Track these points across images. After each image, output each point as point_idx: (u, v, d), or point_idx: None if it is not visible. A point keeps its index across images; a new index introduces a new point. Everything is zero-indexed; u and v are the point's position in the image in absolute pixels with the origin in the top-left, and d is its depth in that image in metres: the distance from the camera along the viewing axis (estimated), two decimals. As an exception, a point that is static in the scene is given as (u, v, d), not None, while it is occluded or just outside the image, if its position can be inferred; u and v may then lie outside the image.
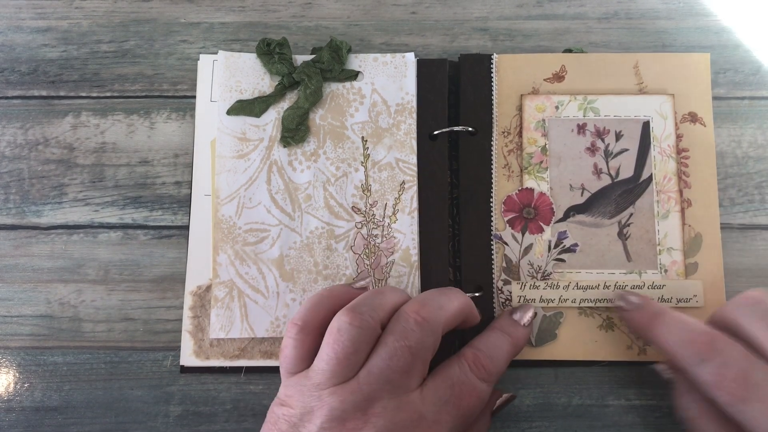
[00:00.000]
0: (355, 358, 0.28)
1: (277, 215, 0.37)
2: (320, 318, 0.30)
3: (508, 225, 0.37)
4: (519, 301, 0.36)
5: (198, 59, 0.39)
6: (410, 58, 0.39)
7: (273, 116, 0.38)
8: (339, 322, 0.29)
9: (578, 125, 0.38)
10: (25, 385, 0.36)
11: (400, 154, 0.37)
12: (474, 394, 0.29)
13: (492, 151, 0.37)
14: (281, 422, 0.28)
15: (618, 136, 0.37)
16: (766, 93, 0.39)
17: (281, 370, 0.30)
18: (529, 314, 0.34)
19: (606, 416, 0.35)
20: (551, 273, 0.36)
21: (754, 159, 0.38)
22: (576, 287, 0.36)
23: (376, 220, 0.37)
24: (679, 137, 0.37)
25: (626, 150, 0.37)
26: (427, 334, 0.29)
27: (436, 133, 0.37)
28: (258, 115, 0.38)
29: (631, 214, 0.37)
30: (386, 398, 0.27)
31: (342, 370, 0.28)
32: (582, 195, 0.37)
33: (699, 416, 0.30)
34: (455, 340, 0.35)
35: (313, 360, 0.29)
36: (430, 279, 0.36)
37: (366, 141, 0.38)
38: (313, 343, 0.30)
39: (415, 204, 0.37)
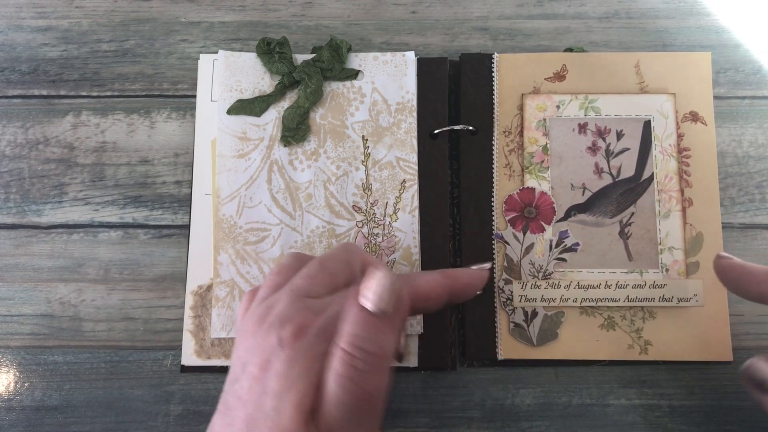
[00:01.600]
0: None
1: (277, 214, 0.37)
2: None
3: (509, 224, 0.37)
4: (520, 301, 0.36)
5: (198, 58, 0.39)
6: (410, 56, 0.38)
7: (273, 115, 0.38)
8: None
9: (579, 124, 0.37)
10: (26, 384, 0.36)
11: (400, 152, 0.37)
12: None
13: (493, 150, 0.37)
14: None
15: (619, 136, 0.37)
16: (766, 92, 0.39)
17: None
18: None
19: (606, 415, 0.35)
20: (552, 272, 0.36)
21: (754, 158, 0.38)
22: (577, 287, 0.36)
23: (377, 219, 0.37)
24: (680, 136, 0.37)
25: (627, 149, 0.37)
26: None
27: (436, 132, 0.37)
28: (258, 114, 0.38)
29: (633, 214, 0.37)
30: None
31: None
32: (583, 194, 0.37)
33: None
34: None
35: None
36: (430, 278, 0.36)
37: (366, 140, 0.38)
38: None
39: (416, 203, 0.37)
